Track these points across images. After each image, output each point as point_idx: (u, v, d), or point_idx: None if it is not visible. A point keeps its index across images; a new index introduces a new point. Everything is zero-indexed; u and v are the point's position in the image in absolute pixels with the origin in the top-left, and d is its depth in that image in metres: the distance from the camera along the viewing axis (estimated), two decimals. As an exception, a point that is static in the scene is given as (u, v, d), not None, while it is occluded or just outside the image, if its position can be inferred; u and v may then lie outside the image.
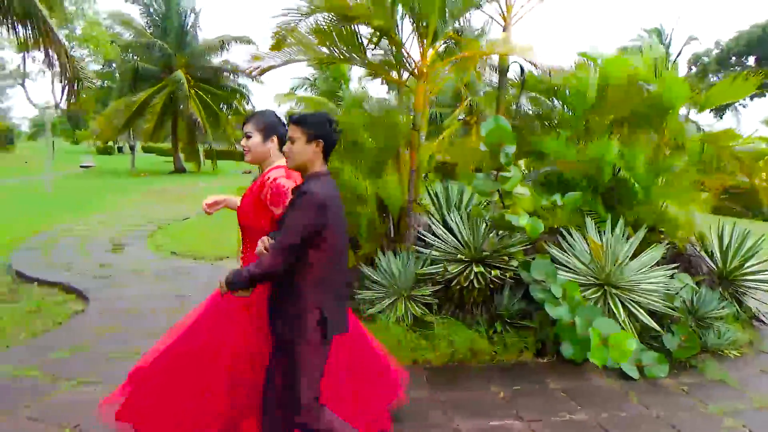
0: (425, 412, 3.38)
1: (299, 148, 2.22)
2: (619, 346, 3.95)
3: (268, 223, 2.47)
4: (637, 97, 5.69)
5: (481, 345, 4.17)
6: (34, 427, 2.99)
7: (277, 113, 2.71)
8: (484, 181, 4.22)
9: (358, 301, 4.64)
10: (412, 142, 4.56)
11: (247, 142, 2.58)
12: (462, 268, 4.42)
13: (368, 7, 3.95)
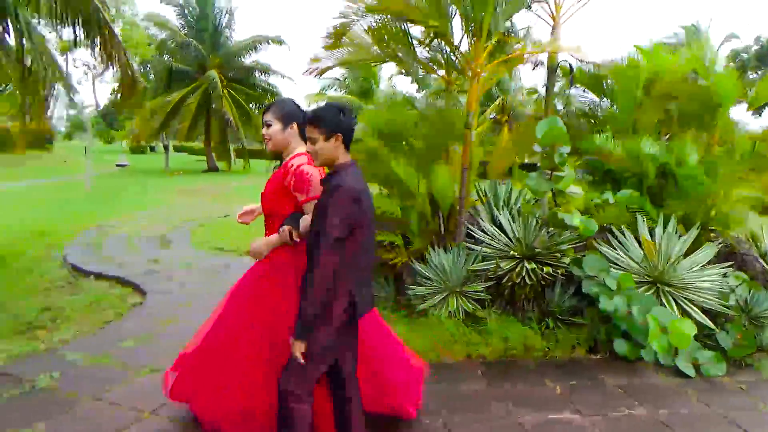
0: (486, 404, 3.45)
1: (320, 147, 2.29)
2: (679, 332, 3.93)
3: (292, 209, 2.57)
4: (686, 93, 5.67)
5: (533, 341, 4.22)
6: (116, 411, 3.15)
7: (296, 101, 2.80)
8: (538, 180, 4.27)
9: (409, 296, 4.74)
10: (465, 141, 4.62)
11: (268, 131, 2.66)
12: (513, 265, 4.47)
13: (424, 9, 4.02)
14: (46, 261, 7.29)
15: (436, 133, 4.91)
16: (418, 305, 4.55)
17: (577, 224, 4.10)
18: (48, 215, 11.81)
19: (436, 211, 4.97)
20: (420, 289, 4.61)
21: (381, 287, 5.03)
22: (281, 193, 2.59)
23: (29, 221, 10.73)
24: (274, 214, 2.64)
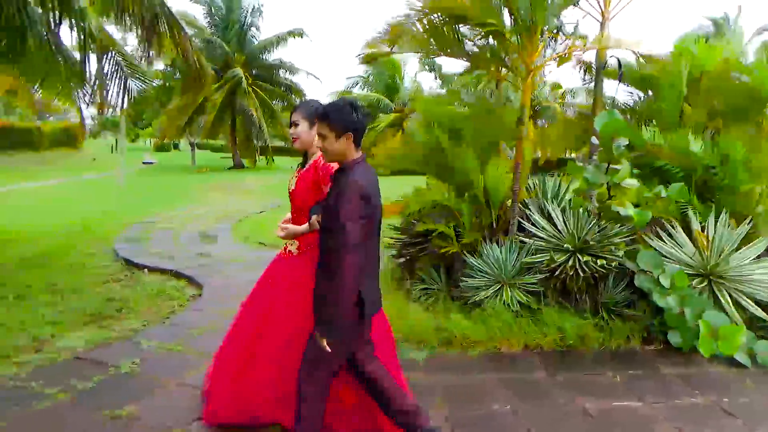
0: (549, 392, 3.55)
1: (329, 145, 2.30)
2: (729, 339, 4.00)
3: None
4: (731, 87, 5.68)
5: (589, 331, 4.30)
6: (197, 393, 3.32)
7: (321, 103, 2.89)
8: (595, 172, 4.35)
9: (461, 288, 4.85)
10: (519, 135, 4.71)
11: (296, 130, 2.82)
12: (566, 257, 4.56)
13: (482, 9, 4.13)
14: (98, 255, 7.56)
15: (488, 127, 5.00)
16: (472, 297, 4.66)
17: (632, 214, 4.16)
18: (89, 212, 12.17)
19: (488, 204, 5.07)
20: (473, 281, 4.72)
21: (432, 279, 5.15)
22: (312, 189, 2.77)
23: (73, 217, 11.08)
24: (305, 210, 2.80)
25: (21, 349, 4.08)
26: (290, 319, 2.76)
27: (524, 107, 4.65)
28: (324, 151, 2.37)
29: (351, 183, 2.25)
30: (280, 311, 2.82)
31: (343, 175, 2.33)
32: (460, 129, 5.12)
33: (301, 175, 2.85)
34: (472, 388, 3.59)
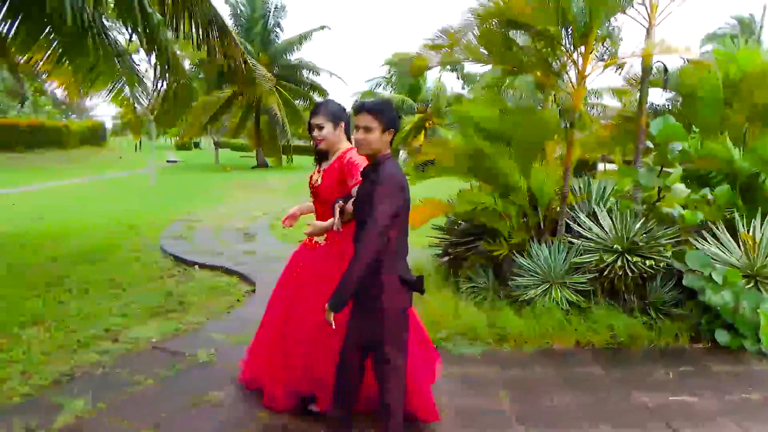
0: (606, 387, 3.71)
1: (375, 138, 2.40)
2: None
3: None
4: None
5: (638, 329, 4.45)
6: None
7: (338, 101, 3.07)
8: (648, 175, 4.49)
9: (509, 286, 5.02)
10: (568, 139, 4.87)
11: (321, 133, 2.93)
12: (615, 258, 4.70)
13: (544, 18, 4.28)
14: (146, 252, 7.84)
15: (532, 131, 5.14)
16: (521, 295, 4.82)
17: (683, 215, 4.30)
18: (126, 209, 12.53)
19: (534, 206, 5.22)
20: (523, 280, 4.88)
21: (479, 277, 5.32)
22: (338, 184, 2.90)
23: (112, 215, 11.43)
24: (326, 200, 2.92)
25: (98, 339, 4.33)
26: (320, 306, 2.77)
27: (575, 112, 4.80)
28: (365, 143, 2.42)
29: (389, 176, 2.39)
30: (308, 298, 2.94)
31: (378, 168, 2.44)
32: (503, 132, 5.27)
33: (327, 171, 2.96)
34: (531, 382, 3.75)
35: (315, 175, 3.07)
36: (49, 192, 16.94)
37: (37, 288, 5.82)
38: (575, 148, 4.89)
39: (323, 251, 3.02)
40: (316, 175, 3.06)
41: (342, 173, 2.88)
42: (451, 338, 4.37)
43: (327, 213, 2.93)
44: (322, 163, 3.06)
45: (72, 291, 5.74)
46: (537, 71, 5.19)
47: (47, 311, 5.00)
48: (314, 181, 3.05)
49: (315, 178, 3.05)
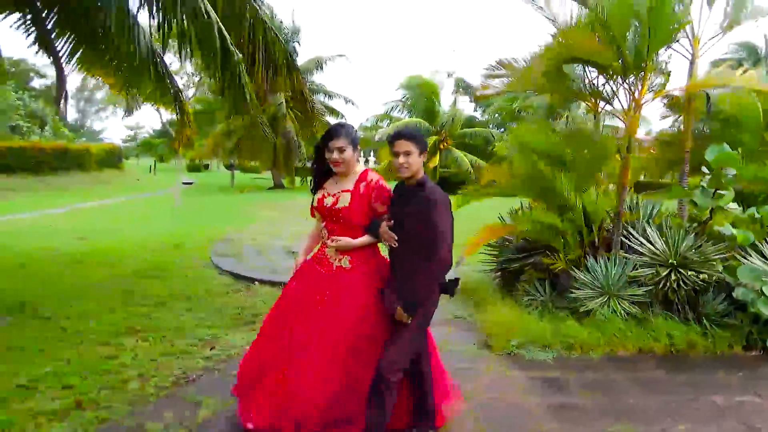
0: (674, 389, 4.04)
1: (415, 160, 2.70)
2: None
3: (369, 219, 2.96)
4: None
5: (695, 338, 4.78)
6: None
7: (352, 125, 3.20)
8: (703, 196, 4.87)
9: (566, 298, 5.36)
10: (625, 162, 5.26)
11: (342, 155, 2.90)
12: (669, 272, 5.06)
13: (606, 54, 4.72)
14: (201, 269, 8.20)
15: (593, 155, 5.53)
16: (580, 306, 5.16)
17: (735, 234, 4.66)
18: (164, 229, 12.93)
19: (589, 224, 5.60)
20: (581, 293, 5.22)
21: (536, 290, 5.67)
22: (367, 207, 2.93)
23: (152, 235, 11.83)
24: (355, 225, 2.94)
25: (196, 347, 4.68)
26: (353, 330, 2.85)
27: (630, 137, 5.20)
28: (407, 165, 2.69)
29: (441, 194, 2.70)
30: (340, 324, 2.86)
31: (426, 189, 2.72)
32: (560, 155, 5.67)
33: (355, 194, 2.93)
34: (605, 384, 4.09)
35: (328, 197, 3.00)
36: (81, 213, 17.37)
37: (112, 302, 6.17)
38: (630, 170, 5.27)
39: (348, 278, 2.95)
40: (330, 198, 2.99)
41: (370, 196, 2.93)
42: (523, 346, 4.71)
43: (342, 231, 2.96)
44: (332, 186, 3.05)
45: (148, 305, 6.10)
46: (588, 99, 5.60)
47: (136, 323, 5.35)
48: (332, 203, 2.97)
49: (330, 200, 2.98)
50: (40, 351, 4.54)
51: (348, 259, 2.97)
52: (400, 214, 2.79)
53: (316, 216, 3.15)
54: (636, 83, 5.04)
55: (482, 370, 4.28)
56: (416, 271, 2.69)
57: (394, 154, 2.73)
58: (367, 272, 2.95)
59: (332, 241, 2.96)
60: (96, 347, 4.64)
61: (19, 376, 3.98)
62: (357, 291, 2.90)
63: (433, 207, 2.64)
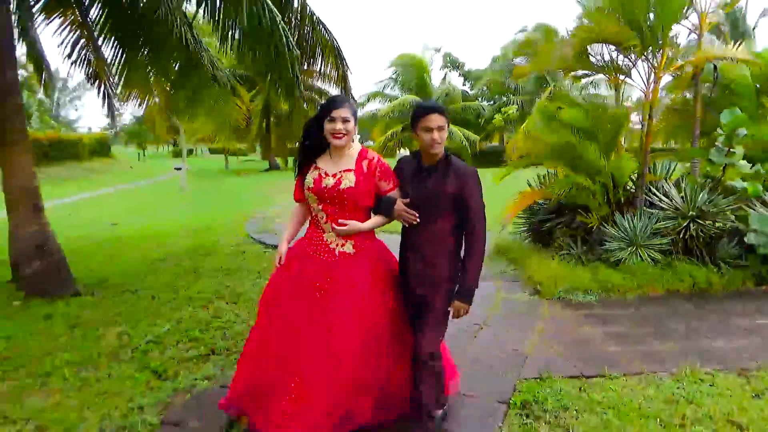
0: (705, 316, 4.82)
1: (446, 136, 2.58)
2: None
3: (372, 199, 2.76)
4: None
5: (713, 278, 5.57)
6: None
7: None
8: (718, 154, 5.62)
9: (597, 251, 6.11)
10: (648, 128, 5.97)
11: (347, 126, 2.64)
12: (688, 222, 5.82)
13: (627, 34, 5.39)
14: (246, 246, 8.81)
15: (610, 124, 6.24)
16: (611, 257, 5.91)
17: (746, 187, 5.43)
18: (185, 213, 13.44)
19: (616, 185, 6.32)
20: (612, 245, 5.97)
21: (569, 246, 6.41)
22: (371, 185, 2.72)
23: (178, 219, 12.36)
24: (360, 207, 2.72)
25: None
26: (363, 321, 2.62)
27: (652, 106, 5.91)
28: (440, 141, 2.54)
29: (473, 169, 2.63)
30: (350, 315, 2.61)
31: (455, 163, 2.62)
32: (587, 127, 6.36)
33: (359, 172, 2.69)
34: (645, 316, 4.86)
35: (327, 178, 2.69)
36: (93, 202, 17.75)
37: (184, 275, 6.78)
38: (651, 135, 5.99)
39: (354, 264, 2.71)
40: (330, 179, 2.69)
41: (375, 174, 2.72)
42: (568, 292, 5.45)
43: (357, 219, 2.72)
44: (327, 165, 2.75)
45: (218, 276, 6.72)
46: (611, 73, 6.29)
47: (219, 290, 5.99)
48: (333, 184, 2.68)
49: (331, 181, 2.68)
50: (149, 315, 5.17)
51: (352, 244, 2.72)
52: (426, 191, 2.61)
53: (310, 198, 2.75)
54: (654, 57, 5.72)
55: (541, 312, 5.02)
56: (451, 252, 2.65)
57: (424, 129, 2.52)
58: (373, 257, 2.77)
59: (334, 225, 2.69)
60: (198, 310, 5.28)
61: (146, 335, 4.61)
62: (365, 278, 2.69)
63: (471, 181, 2.58)
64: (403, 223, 2.70)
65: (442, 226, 2.62)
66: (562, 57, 5.82)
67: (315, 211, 2.78)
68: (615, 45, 5.82)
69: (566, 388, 3.42)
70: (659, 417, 3.03)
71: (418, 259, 2.67)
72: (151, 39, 7.26)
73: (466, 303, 2.61)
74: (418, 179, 2.64)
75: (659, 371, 3.68)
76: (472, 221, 2.58)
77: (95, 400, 3.46)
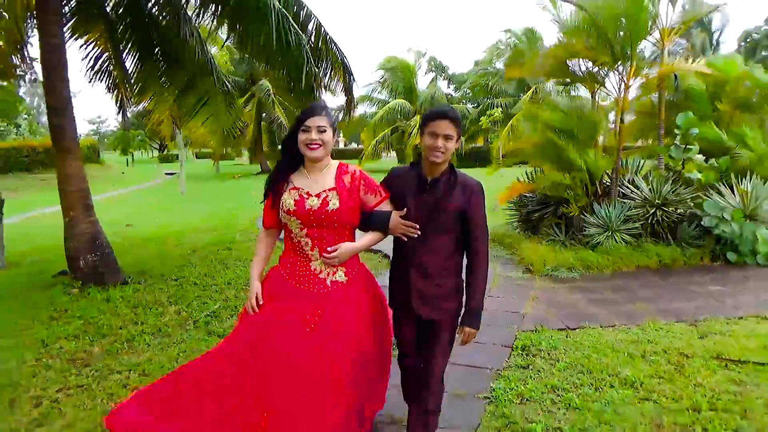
0: (668, 286, 5.82)
1: (452, 147, 2.32)
2: None
3: (358, 217, 2.47)
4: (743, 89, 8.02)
5: (676, 256, 6.59)
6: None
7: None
8: (676, 151, 6.64)
9: (578, 236, 7.10)
10: (620, 130, 6.98)
11: (323, 136, 2.36)
12: (654, 210, 6.84)
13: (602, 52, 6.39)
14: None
15: (587, 126, 7.24)
16: (590, 240, 6.90)
17: (701, 177, 6.45)
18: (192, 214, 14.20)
19: (593, 179, 7.32)
20: (591, 230, 6.96)
21: (554, 232, 7.39)
22: (356, 201, 2.44)
23: (189, 220, 13.14)
24: (346, 225, 2.43)
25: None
26: (356, 355, 2.36)
27: (623, 111, 6.92)
28: (445, 151, 2.30)
29: (478, 185, 2.42)
30: (342, 351, 2.32)
31: (455, 175, 2.40)
32: (567, 127, 7.35)
33: (342, 190, 2.41)
34: (620, 286, 5.84)
35: (311, 198, 2.38)
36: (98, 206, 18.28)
37: (216, 266, 7.62)
38: (623, 135, 7.00)
39: (347, 294, 2.42)
40: (314, 199, 2.38)
41: (359, 189, 2.45)
42: (555, 269, 6.43)
43: (344, 240, 2.42)
44: (305, 182, 2.44)
45: (247, 266, 7.56)
46: (587, 82, 7.30)
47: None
48: (319, 206, 2.37)
49: (316, 202, 2.38)
50: (197, 297, 6.01)
51: (344, 271, 2.44)
52: (429, 204, 2.38)
53: (291, 223, 2.42)
54: (625, 70, 6.74)
55: (534, 285, 5.99)
56: (455, 269, 2.47)
57: (430, 134, 2.31)
58: (363, 283, 2.51)
59: (324, 255, 2.39)
60: (240, 291, 6.15)
61: (202, 311, 5.47)
62: (361, 309, 2.45)
63: (478, 197, 2.40)
64: (401, 238, 2.41)
65: (445, 243, 2.41)
66: (545, 67, 6.79)
67: (297, 237, 2.42)
68: (590, 60, 6.83)
69: (555, 335, 4.39)
70: (626, 351, 4.00)
71: (420, 277, 2.41)
72: (167, 52, 8.09)
73: (475, 328, 2.44)
74: (420, 192, 2.40)
75: (628, 324, 4.66)
76: (477, 239, 2.41)
77: (180, 356, 4.32)
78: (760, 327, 4.47)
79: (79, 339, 4.79)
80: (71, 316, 5.40)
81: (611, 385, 3.49)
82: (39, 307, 5.78)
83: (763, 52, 33.01)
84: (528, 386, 3.48)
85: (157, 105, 9.48)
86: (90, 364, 4.23)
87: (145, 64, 8.36)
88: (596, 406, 3.21)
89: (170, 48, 8.02)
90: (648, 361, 3.83)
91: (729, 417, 3.05)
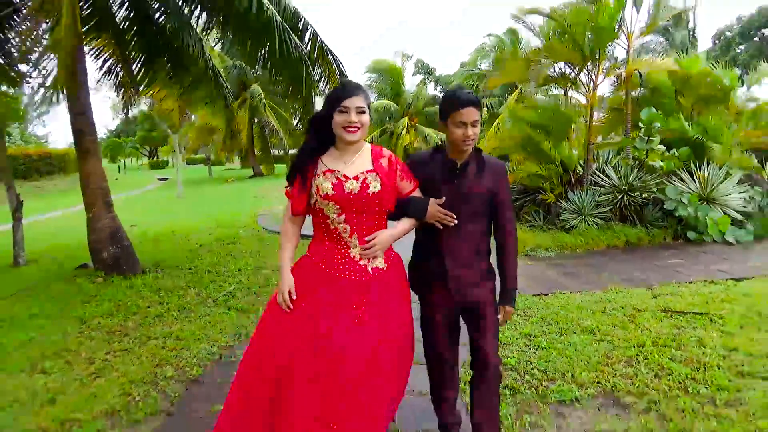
0: (635, 261, 6.56)
1: (479, 131, 2.29)
2: (723, 225, 7.12)
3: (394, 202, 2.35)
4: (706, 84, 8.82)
5: (642, 236, 7.35)
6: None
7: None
8: (641, 142, 7.41)
9: (555, 221, 7.85)
10: (590, 125, 7.74)
11: (361, 118, 2.22)
12: (622, 196, 7.60)
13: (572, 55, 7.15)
14: (266, 235, 10.30)
15: (560, 122, 8.00)
16: (566, 224, 7.65)
17: (663, 165, 7.22)
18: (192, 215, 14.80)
19: (566, 169, 8.07)
20: (566, 215, 7.71)
21: (533, 218, 8.13)
22: (395, 187, 2.34)
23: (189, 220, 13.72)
24: (384, 209, 2.30)
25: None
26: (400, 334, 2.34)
27: (592, 107, 7.68)
28: (475, 138, 2.27)
29: (503, 165, 2.45)
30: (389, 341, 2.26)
31: (482, 158, 2.38)
32: (542, 123, 8.10)
33: (381, 173, 2.28)
34: (590, 263, 6.57)
35: (350, 181, 2.24)
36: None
37: (225, 257, 8.26)
38: (593, 130, 7.77)
39: (388, 281, 2.32)
40: (353, 182, 2.24)
41: (396, 173, 2.34)
42: (534, 250, 7.16)
43: (381, 226, 2.31)
44: (340, 165, 2.28)
45: (254, 256, 8.22)
46: (560, 82, 8.06)
47: (261, 264, 7.51)
48: (360, 189, 2.23)
49: (356, 185, 2.23)
50: (213, 281, 6.67)
51: (382, 258, 2.32)
52: (462, 189, 2.34)
53: (327, 208, 2.25)
54: (593, 70, 7.50)
55: (514, 262, 6.70)
56: (487, 251, 2.45)
57: (458, 123, 2.23)
58: (401, 269, 2.43)
59: (363, 245, 2.25)
60: (251, 276, 6.81)
61: (220, 292, 6.13)
62: (403, 294, 2.40)
63: (504, 177, 2.41)
64: (437, 226, 2.35)
65: (477, 227, 2.38)
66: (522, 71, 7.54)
67: (334, 223, 2.26)
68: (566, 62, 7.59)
69: (530, 299, 5.12)
70: (589, 308, 4.73)
71: (458, 265, 2.37)
72: (171, 57, 8.71)
73: (513, 306, 2.47)
74: (450, 177, 2.35)
75: (594, 289, 5.39)
76: (506, 218, 2.41)
77: (207, 326, 4.98)
78: (704, 288, 5.23)
79: (113, 316, 5.42)
80: (101, 300, 6.02)
81: (574, 332, 4.21)
82: (69, 294, 6.39)
83: (736, 48, 34.22)
84: (505, 335, 4.19)
85: (166, 97, 10.08)
86: (128, 335, 4.86)
87: (150, 67, 8.97)
88: (560, 346, 3.93)
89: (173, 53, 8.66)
90: (606, 314, 4.56)
91: (666, 350, 3.78)
